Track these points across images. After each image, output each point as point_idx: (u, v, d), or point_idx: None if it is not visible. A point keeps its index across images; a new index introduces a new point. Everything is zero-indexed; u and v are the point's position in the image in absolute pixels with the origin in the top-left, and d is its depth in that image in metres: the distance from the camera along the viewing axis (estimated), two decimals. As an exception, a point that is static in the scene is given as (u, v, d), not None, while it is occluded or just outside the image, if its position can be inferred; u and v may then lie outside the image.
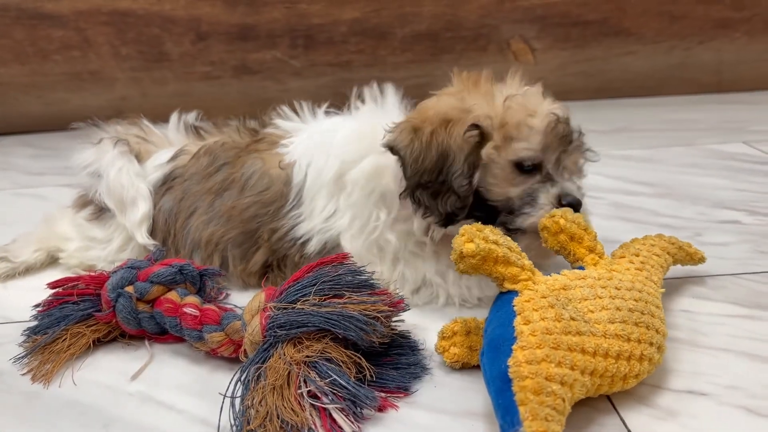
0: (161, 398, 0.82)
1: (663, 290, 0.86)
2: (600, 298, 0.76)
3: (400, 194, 0.96)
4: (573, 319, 0.71)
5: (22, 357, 0.90)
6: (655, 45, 2.30)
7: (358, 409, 0.74)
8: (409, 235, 0.99)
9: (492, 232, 0.78)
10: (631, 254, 0.89)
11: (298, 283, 0.83)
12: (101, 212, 1.14)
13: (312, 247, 1.01)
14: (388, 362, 0.82)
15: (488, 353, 0.71)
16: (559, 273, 0.81)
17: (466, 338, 0.82)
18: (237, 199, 1.05)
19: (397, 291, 0.88)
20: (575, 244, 0.88)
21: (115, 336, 0.94)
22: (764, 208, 1.31)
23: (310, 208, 1.02)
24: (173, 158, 1.12)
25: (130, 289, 0.91)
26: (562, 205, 0.92)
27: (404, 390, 0.79)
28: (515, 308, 0.73)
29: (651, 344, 0.75)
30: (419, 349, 0.86)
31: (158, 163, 1.13)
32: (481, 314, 0.94)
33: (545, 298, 0.73)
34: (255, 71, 2.28)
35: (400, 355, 0.83)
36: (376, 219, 0.98)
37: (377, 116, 1.03)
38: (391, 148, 0.95)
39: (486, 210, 0.95)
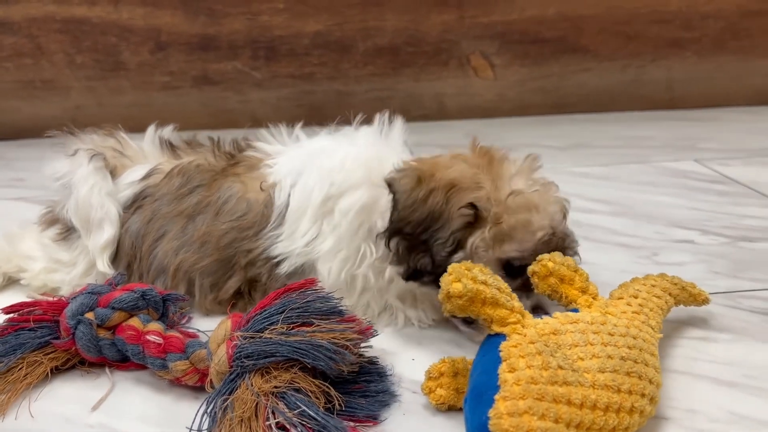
0: (123, 429, 0.80)
1: (660, 335, 0.83)
2: (591, 344, 0.74)
3: (378, 234, 0.95)
4: (561, 367, 0.69)
5: (-25, 387, 0.87)
6: (610, 62, 2.37)
7: (328, 439, 0.73)
8: (381, 272, 0.98)
9: (481, 272, 0.76)
10: (630, 296, 0.87)
11: (265, 310, 0.82)
12: (68, 232, 1.09)
13: (284, 268, 0.99)
14: (356, 390, 0.81)
15: (470, 401, 0.70)
16: (550, 315, 0.79)
17: (453, 380, 0.80)
18: (212, 224, 1.02)
19: (365, 318, 0.87)
20: (566, 286, 0.86)
21: (73, 364, 0.91)
22: (716, 228, 1.36)
23: (292, 229, 0.99)
24: (146, 176, 1.08)
25: (90, 315, 0.88)
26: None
27: (373, 419, 0.79)
28: (501, 354, 0.71)
29: (642, 395, 0.72)
30: (387, 376, 0.85)
31: (130, 180, 1.08)
32: (439, 333, 0.97)
33: (533, 343, 0.71)
34: (216, 82, 2.26)
35: (368, 382, 0.83)
36: (363, 254, 0.96)
37: (379, 146, 1.02)
38: (390, 185, 0.93)
39: None
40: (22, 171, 1.88)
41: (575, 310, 0.83)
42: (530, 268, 0.87)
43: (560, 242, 0.92)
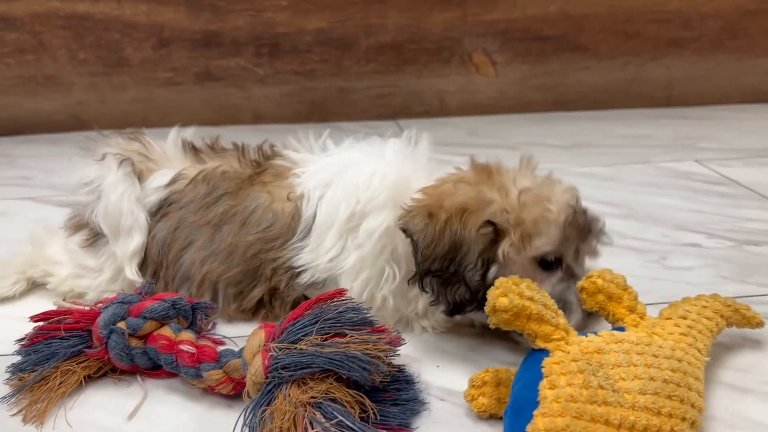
0: (161, 439, 0.82)
1: (707, 359, 0.83)
2: (634, 365, 0.75)
3: (409, 280, 0.96)
4: (601, 387, 0.70)
5: (10, 396, 0.88)
6: (610, 61, 2.40)
7: (364, 449, 0.75)
8: (404, 295, 0.99)
9: (528, 288, 0.77)
10: (678, 316, 0.87)
11: (299, 321, 0.84)
12: (95, 238, 1.09)
13: (305, 278, 1.00)
14: (387, 398, 0.83)
15: (510, 414, 0.73)
16: (596, 334, 0.80)
17: (495, 389, 0.82)
18: (238, 234, 1.03)
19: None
20: (614, 304, 0.87)
21: (105, 372, 0.93)
22: (721, 231, 1.39)
23: (317, 242, 0.99)
24: (171, 182, 1.08)
25: (122, 325, 0.90)
26: (588, 314, 0.93)
27: (406, 427, 0.81)
28: (543, 370, 0.73)
29: (683, 419, 0.72)
30: (415, 383, 0.88)
31: (156, 185, 1.09)
32: (461, 340, 1.00)
33: (576, 362, 0.73)
34: (218, 78, 2.26)
35: (398, 390, 0.85)
36: (387, 277, 0.98)
37: (407, 164, 1.03)
38: (405, 230, 0.94)
39: None
40: (27, 169, 1.88)
41: (621, 329, 0.84)
42: (579, 284, 0.89)
43: (585, 219, 0.93)
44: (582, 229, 0.93)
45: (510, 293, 0.75)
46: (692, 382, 0.76)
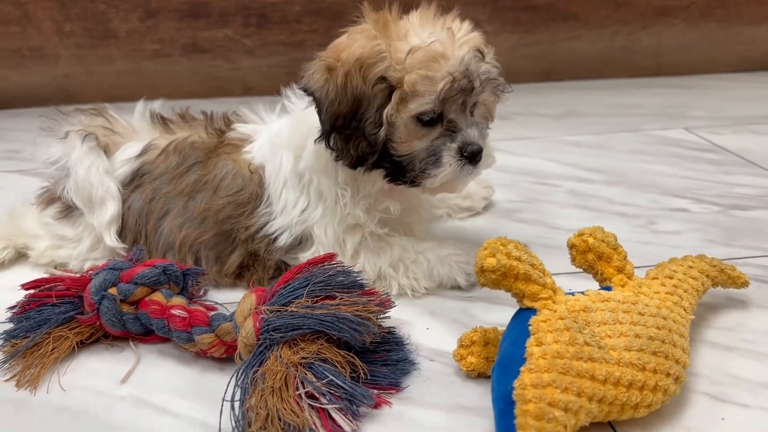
0: (155, 402, 0.83)
1: (693, 317, 0.85)
2: (620, 323, 0.76)
3: (316, 139, 0.96)
4: (587, 344, 0.71)
5: (3, 362, 0.88)
6: (600, 30, 2.38)
7: (355, 407, 0.77)
8: (371, 209, 1.01)
9: (516, 248, 0.77)
10: (665, 276, 0.88)
11: (290, 284, 0.85)
12: (69, 210, 1.11)
13: (282, 240, 1.03)
14: (378, 359, 0.85)
15: (497, 371, 0.73)
16: (582, 293, 0.81)
17: (483, 348, 0.83)
18: (210, 200, 1.05)
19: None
20: (603, 264, 0.87)
21: (98, 337, 0.93)
22: (709, 197, 1.40)
23: (282, 204, 1.03)
24: (142, 153, 1.10)
25: (113, 291, 0.90)
26: (465, 157, 0.94)
27: (396, 386, 0.83)
28: (530, 328, 0.73)
29: (667, 375, 0.74)
30: (405, 345, 0.89)
31: (126, 157, 1.10)
32: (451, 303, 1.01)
33: (562, 319, 0.73)
34: (206, 50, 2.24)
35: (388, 351, 0.86)
36: (341, 196, 1.00)
37: (305, 106, 1.04)
38: (306, 90, 0.95)
39: (394, 164, 0.97)
40: (16, 142, 1.87)
41: (608, 288, 0.85)
42: (569, 241, 0.88)
43: (468, 84, 0.92)
44: (463, 90, 0.92)
45: (498, 253, 0.75)
46: (677, 339, 0.78)
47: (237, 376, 0.79)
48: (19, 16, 2.08)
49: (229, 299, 1.02)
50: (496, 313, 0.98)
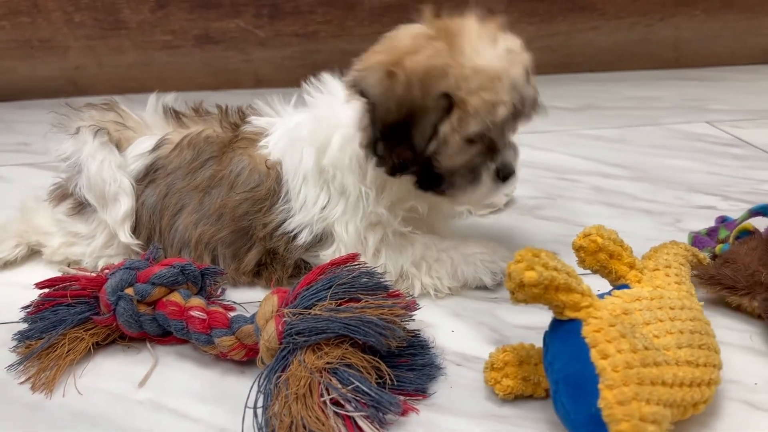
0: (173, 406, 0.80)
1: (702, 303, 0.83)
2: (661, 321, 0.74)
3: (363, 144, 0.93)
4: (647, 348, 0.68)
5: (18, 364, 0.86)
6: (618, 21, 2.34)
7: (382, 414, 0.74)
8: (395, 207, 0.99)
9: (549, 257, 0.71)
10: (664, 266, 0.87)
11: (312, 286, 0.82)
12: (82, 206, 1.08)
13: (302, 238, 1.00)
14: (403, 364, 0.82)
15: (566, 392, 0.69)
16: (610, 294, 0.78)
17: (518, 369, 0.79)
18: (227, 196, 1.02)
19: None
20: (616, 262, 0.84)
21: (114, 338, 0.91)
22: (736, 193, 1.36)
23: (302, 200, 1.00)
24: (155, 148, 1.07)
25: (130, 291, 0.88)
26: (500, 178, 0.95)
27: (423, 392, 0.80)
28: (587, 340, 0.68)
29: (714, 366, 0.73)
30: (431, 348, 0.86)
31: (139, 152, 1.07)
32: (475, 304, 0.98)
33: (613, 326, 0.69)
34: (218, 41, 2.20)
35: (413, 355, 0.84)
36: (365, 195, 0.97)
37: (328, 101, 1.02)
38: (360, 90, 0.90)
39: (429, 174, 0.94)
40: (26, 135, 1.84)
41: (624, 287, 0.82)
42: (576, 243, 0.85)
43: (520, 110, 0.92)
44: (514, 115, 0.92)
45: (536, 266, 0.69)
46: (707, 327, 0.77)
47: (259, 382, 0.76)
48: (29, 7, 2.05)
49: (248, 298, 1.00)
50: (524, 315, 0.95)
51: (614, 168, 1.53)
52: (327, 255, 0.99)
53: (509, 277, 0.71)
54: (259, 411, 0.74)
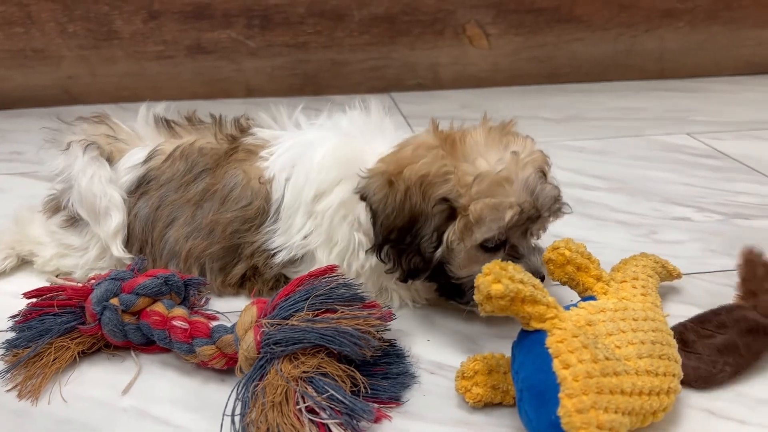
0: (156, 413, 0.83)
1: (668, 314, 0.86)
2: (623, 332, 0.76)
3: (367, 250, 0.97)
4: (608, 358, 0.71)
5: (5, 372, 0.89)
6: (604, 32, 2.38)
7: (355, 422, 0.77)
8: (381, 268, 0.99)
9: (516, 270, 0.74)
10: (631, 278, 0.89)
11: (290, 297, 0.85)
12: (75, 219, 1.11)
13: (280, 257, 1.02)
14: (378, 372, 0.85)
15: (531, 401, 0.71)
16: (576, 305, 0.81)
17: (488, 377, 0.81)
18: (218, 211, 1.04)
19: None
20: (583, 274, 0.87)
21: (99, 347, 0.94)
22: (711, 205, 1.40)
23: (287, 224, 1.01)
24: (147, 159, 1.09)
25: (115, 301, 0.91)
26: None
27: (396, 400, 0.83)
28: (550, 351, 0.71)
29: (674, 375, 0.76)
30: (406, 357, 0.89)
31: (131, 164, 1.09)
32: (451, 313, 1.01)
33: (576, 337, 0.72)
34: (209, 51, 2.23)
35: (389, 364, 0.87)
36: (360, 244, 0.99)
37: (359, 137, 1.03)
38: (363, 197, 0.94)
39: (449, 283, 0.96)
40: (19, 144, 1.87)
41: (591, 298, 0.85)
42: (546, 255, 0.89)
43: (535, 213, 0.90)
44: (529, 219, 0.90)
45: (503, 279, 0.72)
46: (668, 338, 0.80)
47: (238, 390, 0.79)
48: (23, 17, 2.08)
49: (231, 308, 1.03)
50: (498, 325, 0.98)
51: (595, 179, 1.56)
52: (306, 270, 1.00)
53: (478, 289, 0.74)
54: (237, 418, 0.77)
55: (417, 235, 0.90)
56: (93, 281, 0.96)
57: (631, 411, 0.70)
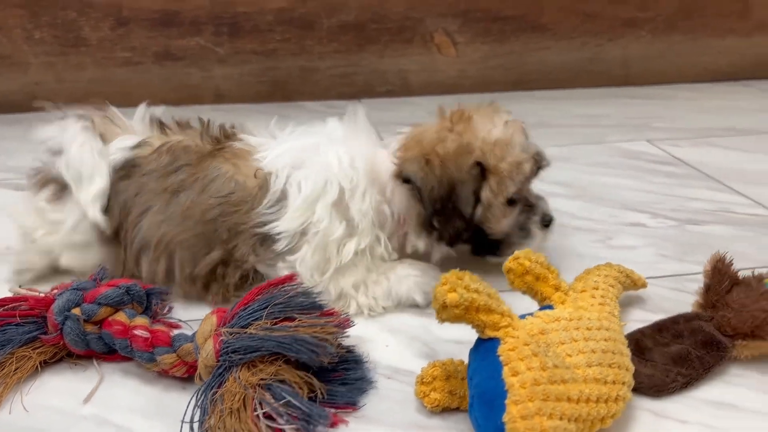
0: (118, 421, 0.84)
1: (624, 324, 0.90)
2: (575, 341, 0.79)
3: (420, 224, 1.09)
4: (556, 366, 0.73)
5: (-34, 383, 0.89)
6: (569, 41, 2.43)
7: (312, 427, 0.79)
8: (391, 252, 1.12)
9: (472, 280, 0.77)
10: (591, 288, 0.93)
11: (249, 306, 0.87)
12: (62, 191, 1.11)
13: (281, 245, 1.05)
14: (336, 378, 0.87)
15: (480, 408, 0.74)
16: (532, 315, 0.84)
17: (446, 383, 0.84)
18: (197, 199, 1.06)
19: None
20: (542, 284, 0.90)
21: (61, 356, 0.95)
22: (665, 210, 1.44)
23: (302, 212, 1.04)
24: (136, 146, 1.11)
25: (77, 311, 0.92)
26: (545, 226, 1.15)
27: (353, 405, 0.85)
28: (501, 358, 0.74)
29: (623, 383, 0.78)
30: (364, 363, 0.92)
31: (122, 146, 1.11)
32: (409, 320, 1.04)
33: (527, 345, 0.75)
34: (178, 58, 2.24)
35: (347, 370, 0.89)
36: (378, 240, 1.09)
37: (361, 145, 1.12)
38: (407, 180, 1.06)
39: (483, 241, 1.13)
40: (-16, 150, 1.86)
41: (549, 307, 0.88)
42: (506, 266, 0.91)
43: (541, 163, 1.13)
44: (538, 168, 1.12)
45: (458, 288, 0.75)
46: (621, 347, 0.83)
47: (197, 397, 0.81)
48: (-12, 24, 2.07)
49: (194, 316, 1.04)
50: (455, 330, 1.00)
51: (556, 186, 1.59)
52: (284, 266, 1.05)
53: (434, 298, 0.76)
54: (196, 425, 0.78)
55: (457, 200, 1.06)
56: (56, 291, 0.97)
57: (577, 418, 0.73)
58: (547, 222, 1.15)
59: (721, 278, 0.99)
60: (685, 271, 1.19)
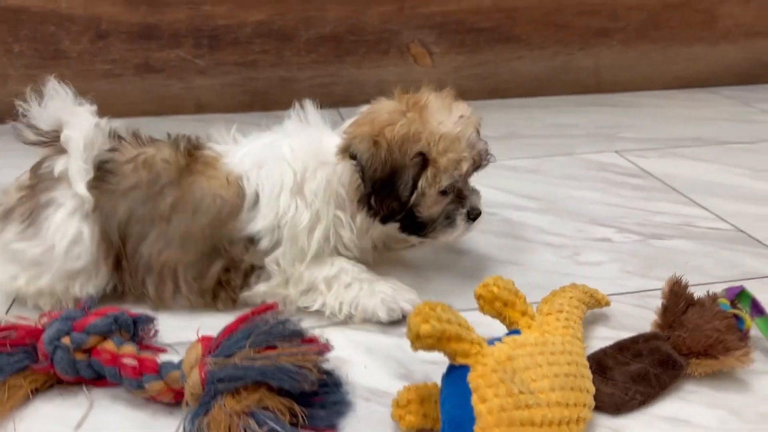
0: (107, 448, 0.89)
1: (586, 346, 0.95)
2: (540, 366, 0.83)
3: (358, 200, 1.15)
4: (521, 392, 0.78)
5: (-41, 412, 0.93)
6: (541, 50, 2.49)
7: (294, 451, 0.84)
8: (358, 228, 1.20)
9: (444, 311, 0.80)
10: (556, 311, 0.97)
11: (233, 336, 0.92)
12: (31, 216, 1.10)
13: (264, 244, 1.13)
14: (316, 402, 0.92)
15: None
16: (500, 341, 0.88)
17: (420, 406, 0.88)
18: (191, 221, 1.12)
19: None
20: (510, 310, 0.95)
21: (51, 384, 0.98)
22: (631, 225, 1.50)
23: (269, 208, 1.13)
24: (111, 150, 1.15)
25: (66, 340, 0.96)
26: (471, 219, 1.19)
27: (332, 428, 0.90)
28: (470, 385, 0.78)
29: (584, 405, 0.83)
30: (343, 386, 0.96)
31: (100, 146, 1.15)
32: (386, 339, 1.09)
33: (495, 372, 0.79)
34: (158, 70, 2.27)
35: (327, 393, 0.93)
36: (338, 219, 1.17)
37: (310, 132, 1.20)
38: (352, 155, 1.12)
39: (412, 222, 1.18)
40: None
41: (516, 332, 0.93)
42: (476, 292, 0.96)
43: (480, 163, 1.19)
44: (476, 167, 1.19)
45: (431, 319, 0.78)
46: (583, 370, 0.88)
47: (184, 425, 0.86)
48: (-33, 38, 2.08)
49: (181, 338, 1.08)
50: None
51: (526, 200, 1.65)
52: (270, 261, 1.14)
53: (408, 328, 0.81)
54: (184, 452, 0.83)
55: (397, 184, 1.11)
56: (45, 320, 1.01)
57: None
58: (473, 216, 1.20)
59: (677, 300, 1.05)
60: (647, 287, 1.24)
